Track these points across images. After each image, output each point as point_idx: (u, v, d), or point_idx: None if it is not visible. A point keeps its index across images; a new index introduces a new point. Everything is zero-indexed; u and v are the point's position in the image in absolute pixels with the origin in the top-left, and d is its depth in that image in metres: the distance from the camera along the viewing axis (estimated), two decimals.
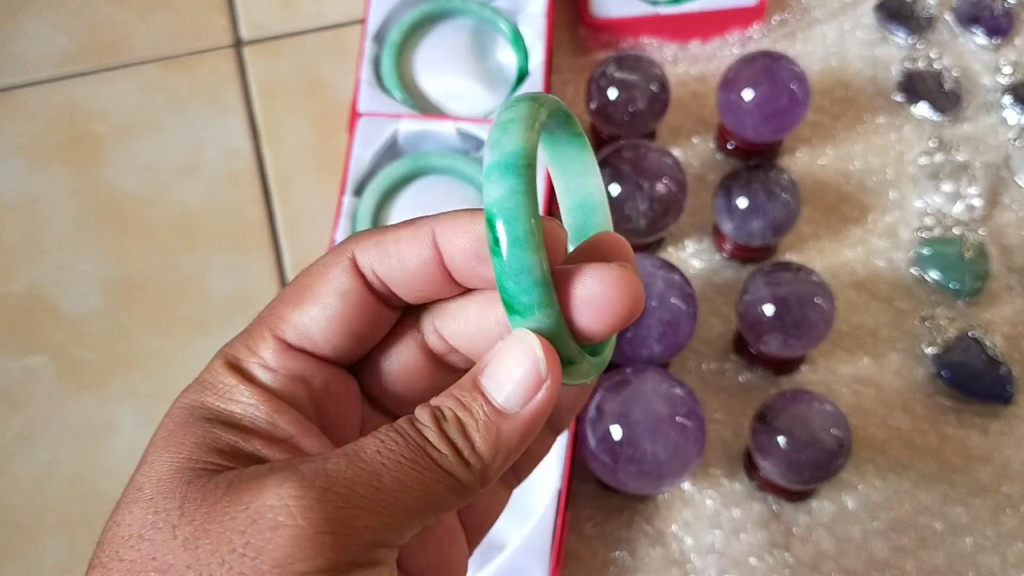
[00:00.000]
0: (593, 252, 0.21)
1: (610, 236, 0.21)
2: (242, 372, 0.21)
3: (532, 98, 0.19)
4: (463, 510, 0.24)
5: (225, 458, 0.19)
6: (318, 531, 0.16)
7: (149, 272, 0.53)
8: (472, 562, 0.41)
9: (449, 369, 0.23)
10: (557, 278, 0.19)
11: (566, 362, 0.19)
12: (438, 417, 0.19)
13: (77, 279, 0.52)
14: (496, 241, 0.18)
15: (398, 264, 0.20)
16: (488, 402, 0.19)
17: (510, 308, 0.18)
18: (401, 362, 0.22)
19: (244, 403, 0.20)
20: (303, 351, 0.21)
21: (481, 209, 0.19)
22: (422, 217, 0.21)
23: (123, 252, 0.53)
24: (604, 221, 0.22)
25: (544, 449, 0.23)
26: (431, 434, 0.19)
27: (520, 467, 0.23)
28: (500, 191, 0.18)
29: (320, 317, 0.21)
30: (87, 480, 0.47)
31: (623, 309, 0.19)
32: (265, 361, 0.21)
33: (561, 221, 0.21)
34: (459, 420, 0.19)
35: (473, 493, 0.19)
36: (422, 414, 0.19)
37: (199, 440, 0.19)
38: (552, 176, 0.22)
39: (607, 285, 0.19)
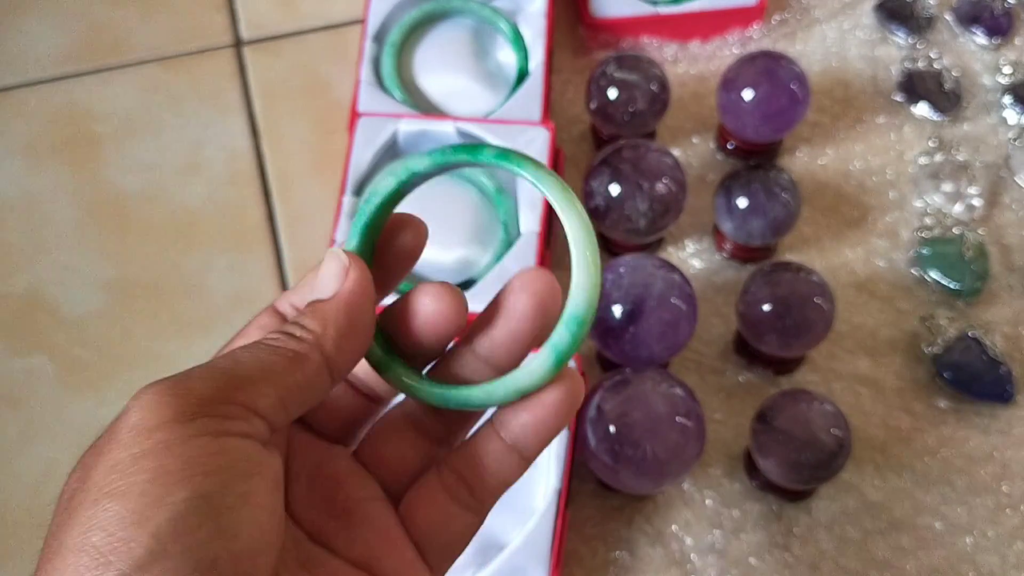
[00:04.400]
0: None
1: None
2: None
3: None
4: (405, 516, 0.25)
5: None
6: (159, 397, 0.21)
7: (149, 272, 0.53)
8: (472, 562, 0.41)
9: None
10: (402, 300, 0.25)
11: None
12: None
13: (77, 279, 0.52)
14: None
15: (309, 291, 0.24)
16: (315, 300, 0.24)
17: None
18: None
19: None
20: None
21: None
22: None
23: (123, 252, 0.53)
24: None
25: (512, 473, 0.25)
26: (272, 332, 0.24)
27: (485, 491, 0.25)
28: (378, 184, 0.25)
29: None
30: None
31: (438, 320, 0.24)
32: None
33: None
34: (294, 319, 0.24)
35: (314, 362, 0.23)
36: None
37: None
38: None
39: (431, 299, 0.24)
